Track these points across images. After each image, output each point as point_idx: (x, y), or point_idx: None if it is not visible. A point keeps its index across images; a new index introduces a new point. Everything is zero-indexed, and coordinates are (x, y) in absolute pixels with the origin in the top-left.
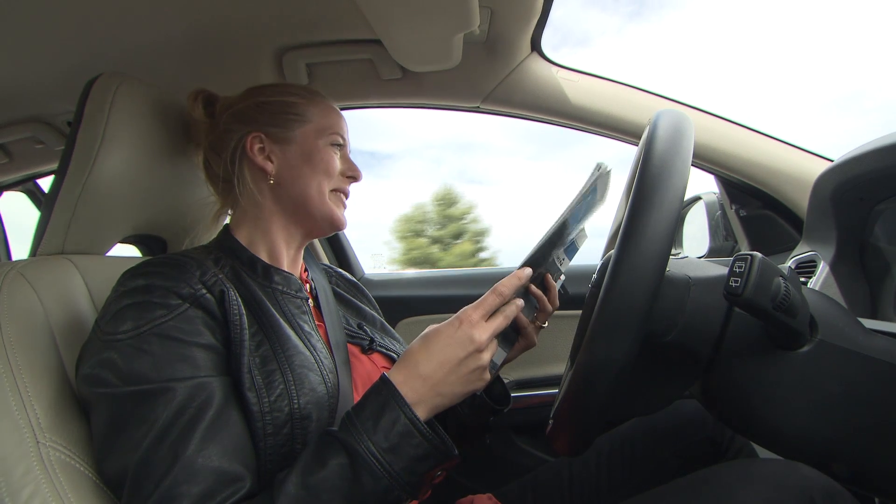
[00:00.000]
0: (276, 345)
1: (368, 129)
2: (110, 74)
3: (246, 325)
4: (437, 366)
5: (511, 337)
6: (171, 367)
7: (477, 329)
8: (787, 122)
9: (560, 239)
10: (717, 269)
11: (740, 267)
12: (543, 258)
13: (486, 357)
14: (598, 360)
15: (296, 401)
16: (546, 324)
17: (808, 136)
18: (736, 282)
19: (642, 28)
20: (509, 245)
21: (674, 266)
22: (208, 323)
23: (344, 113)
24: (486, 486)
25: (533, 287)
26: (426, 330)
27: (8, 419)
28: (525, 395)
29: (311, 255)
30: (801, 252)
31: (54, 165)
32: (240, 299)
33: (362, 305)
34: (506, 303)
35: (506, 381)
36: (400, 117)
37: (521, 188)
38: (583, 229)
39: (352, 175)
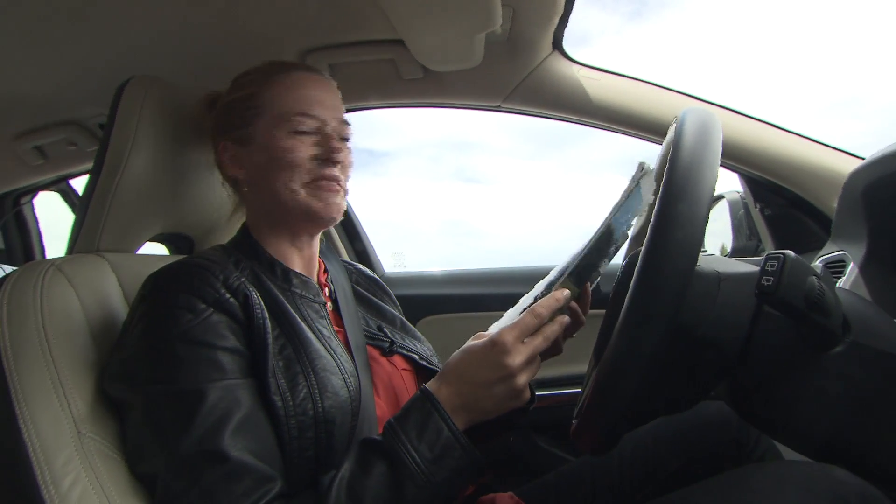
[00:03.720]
0: (299, 348)
1: (365, 126)
2: (141, 78)
3: (269, 329)
4: (470, 387)
5: None
6: (198, 370)
7: (510, 355)
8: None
9: (607, 246)
10: (747, 266)
11: (772, 265)
12: (589, 269)
13: (521, 380)
14: (627, 355)
15: (319, 404)
16: (574, 334)
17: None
18: (768, 280)
19: (641, 29)
20: (508, 245)
21: (703, 262)
22: (232, 327)
23: (349, 114)
24: (508, 485)
25: (572, 302)
26: (466, 344)
27: (49, 411)
28: (546, 394)
29: (331, 251)
30: (829, 252)
31: (87, 166)
32: (262, 302)
33: (383, 304)
34: (544, 323)
35: None
36: (398, 115)
37: (518, 188)
38: (626, 232)
39: (328, 158)
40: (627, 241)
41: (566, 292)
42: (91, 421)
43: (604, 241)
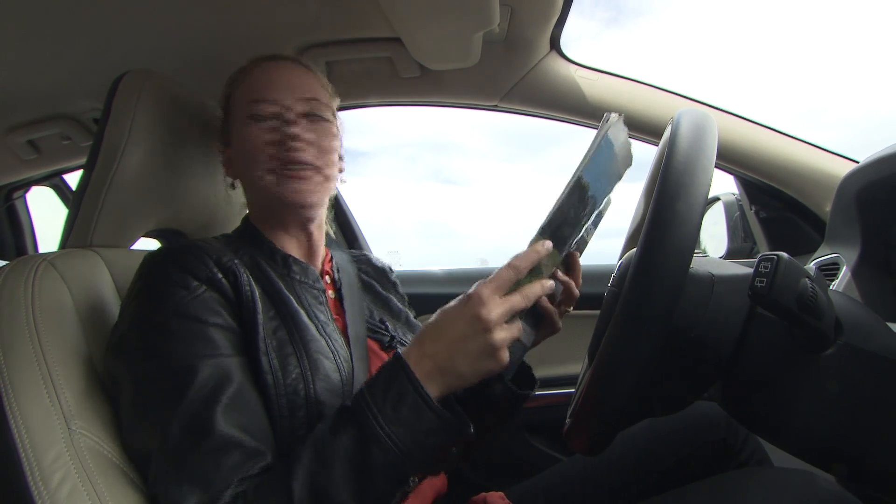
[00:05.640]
0: (293, 330)
1: (342, 125)
2: (136, 72)
3: (260, 308)
4: (444, 344)
5: (537, 317)
6: (191, 346)
7: (486, 307)
8: None
9: (581, 202)
10: (741, 268)
11: (766, 267)
12: (565, 223)
13: (497, 336)
14: (621, 357)
15: (311, 386)
16: (571, 308)
17: None
18: (761, 281)
19: (617, 35)
20: (484, 246)
21: (697, 264)
22: (224, 305)
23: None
24: (498, 485)
25: (559, 273)
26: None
27: (39, 406)
28: (539, 395)
29: (336, 243)
30: (823, 255)
31: (80, 161)
32: (252, 281)
33: (390, 297)
34: (521, 278)
35: None
36: (376, 115)
37: (495, 189)
38: (608, 198)
39: (285, 139)
40: (611, 205)
41: (547, 244)
42: (82, 416)
43: (576, 197)
